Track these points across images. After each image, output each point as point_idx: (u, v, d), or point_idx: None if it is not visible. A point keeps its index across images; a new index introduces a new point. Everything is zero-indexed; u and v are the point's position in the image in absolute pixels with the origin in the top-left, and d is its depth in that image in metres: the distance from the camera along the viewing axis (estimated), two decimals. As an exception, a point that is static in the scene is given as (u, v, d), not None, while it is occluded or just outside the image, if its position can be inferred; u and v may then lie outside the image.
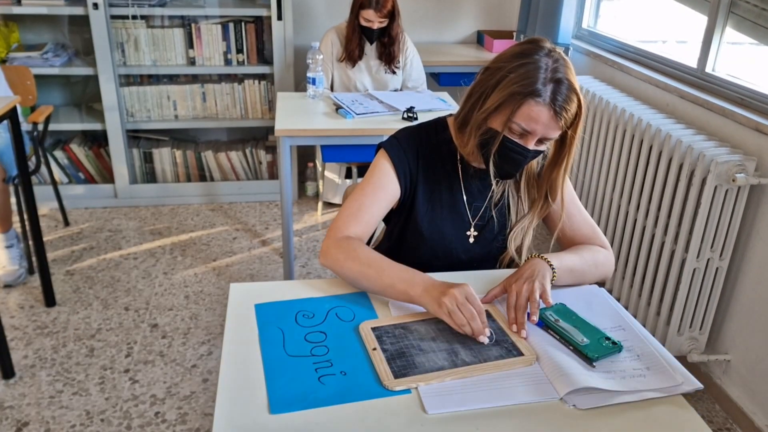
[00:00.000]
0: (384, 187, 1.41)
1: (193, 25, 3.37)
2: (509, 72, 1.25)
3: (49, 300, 2.60)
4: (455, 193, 1.46)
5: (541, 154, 1.36)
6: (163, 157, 3.57)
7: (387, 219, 1.54)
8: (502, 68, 1.27)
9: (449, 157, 1.45)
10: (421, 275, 1.23)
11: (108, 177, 3.53)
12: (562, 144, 1.34)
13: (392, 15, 2.90)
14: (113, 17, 3.23)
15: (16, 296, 2.67)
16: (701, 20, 2.41)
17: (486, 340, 1.13)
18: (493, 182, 1.42)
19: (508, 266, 1.51)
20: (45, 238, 3.01)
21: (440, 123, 1.47)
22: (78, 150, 3.47)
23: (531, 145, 1.28)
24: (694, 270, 2.13)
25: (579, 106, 1.26)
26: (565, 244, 1.49)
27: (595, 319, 1.21)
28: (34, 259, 2.67)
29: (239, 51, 3.45)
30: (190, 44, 3.40)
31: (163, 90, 3.46)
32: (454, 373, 1.06)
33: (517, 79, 1.23)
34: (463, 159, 1.44)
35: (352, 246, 1.31)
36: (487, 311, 1.23)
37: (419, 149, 1.43)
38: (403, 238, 1.52)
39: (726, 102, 2.21)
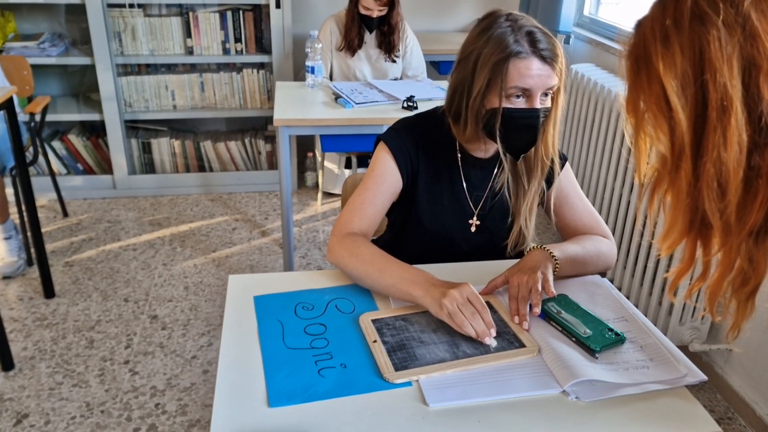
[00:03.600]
0: (386, 180, 1.39)
1: (190, 13, 3.34)
2: (481, 49, 1.26)
3: (49, 291, 2.59)
4: (456, 182, 1.44)
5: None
6: (162, 147, 3.55)
7: (389, 210, 1.53)
8: (473, 51, 1.28)
9: (448, 147, 1.43)
10: (423, 274, 1.20)
11: (106, 168, 3.51)
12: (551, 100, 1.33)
13: (392, 3, 2.88)
14: (110, 6, 3.20)
15: (15, 288, 2.66)
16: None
17: (492, 342, 1.09)
18: (506, 162, 1.39)
19: (512, 251, 1.49)
20: (43, 230, 3.00)
21: (438, 113, 1.45)
22: (76, 140, 3.45)
23: (537, 104, 1.27)
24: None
25: (560, 50, 1.27)
26: (568, 234, 1.47)
27: (598, 310, 1.20)
28: (32, 250, 2.66)
29: (237, 40, 3.42)
30: (187, 33, 3.37)
31: (161, 80, 3.44)
32: (456, 365, 1.05)
33: (491, 51, 1.24)
34: (462, 148, 1.43)
35: (356, 243, 1.29)
36: (488, 302, 1.21)
37: (418, 139, 1.42)
38: (405, 229, 1.50)
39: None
